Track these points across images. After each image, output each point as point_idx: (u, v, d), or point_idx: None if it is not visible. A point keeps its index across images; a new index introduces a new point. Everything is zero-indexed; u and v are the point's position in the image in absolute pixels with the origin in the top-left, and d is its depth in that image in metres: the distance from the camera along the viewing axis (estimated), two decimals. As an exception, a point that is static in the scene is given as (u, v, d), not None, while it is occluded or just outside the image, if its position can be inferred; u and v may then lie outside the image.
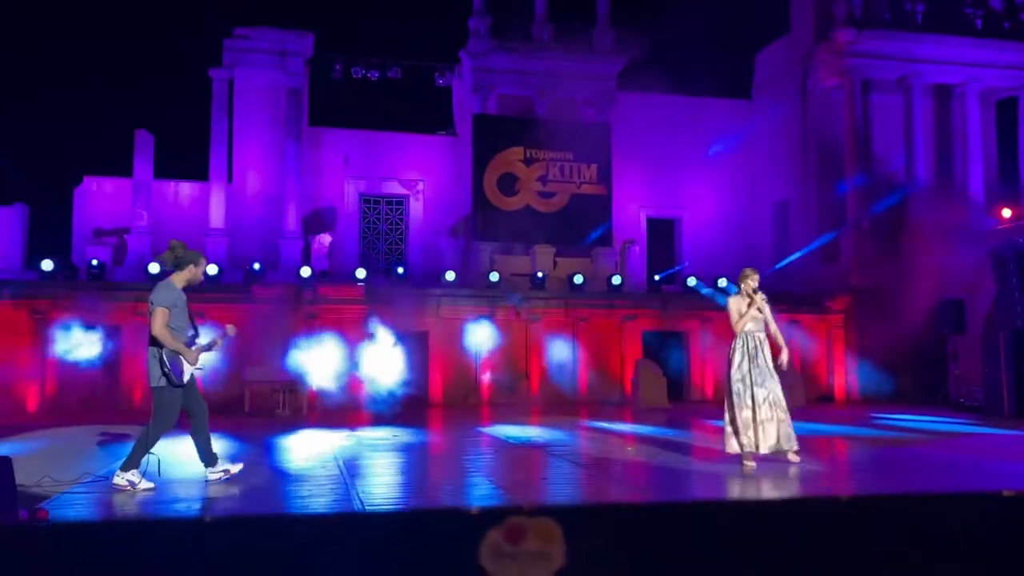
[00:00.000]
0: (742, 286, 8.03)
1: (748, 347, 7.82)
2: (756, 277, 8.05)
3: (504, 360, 19.11)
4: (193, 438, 6.87)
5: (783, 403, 7.78)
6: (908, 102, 22.28)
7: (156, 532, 0.98)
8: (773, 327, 8.00)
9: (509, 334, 19.10)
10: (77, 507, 5.94)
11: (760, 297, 7.95)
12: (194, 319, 6.87)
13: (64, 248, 21.00)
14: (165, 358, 6.45)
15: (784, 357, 7.94)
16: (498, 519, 0.92)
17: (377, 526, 1.01)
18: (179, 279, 6.75)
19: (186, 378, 6.58)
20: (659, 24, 20.13)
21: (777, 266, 20.19)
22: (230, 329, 7.07)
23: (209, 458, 6.88)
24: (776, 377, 7.85)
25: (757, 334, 7.87)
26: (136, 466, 6.51)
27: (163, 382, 6.49)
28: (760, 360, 7.80)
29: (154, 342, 6.50)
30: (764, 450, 7.69)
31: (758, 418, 7.68)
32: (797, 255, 20.93)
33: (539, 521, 0.90)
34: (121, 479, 6.46)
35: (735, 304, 8.00)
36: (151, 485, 6.57)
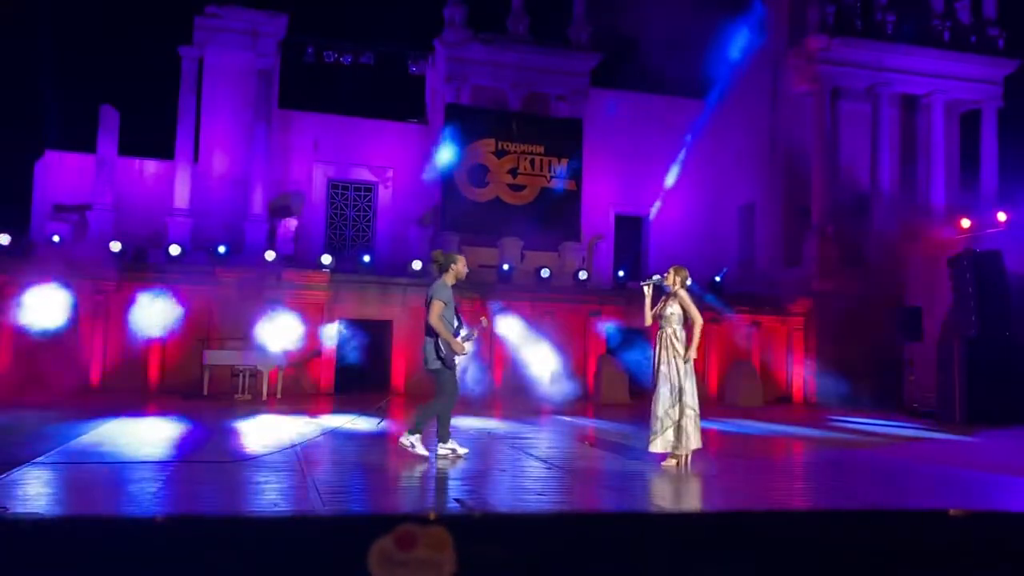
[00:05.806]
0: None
1: None
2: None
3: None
4: (419, 410, 7.84)
5: (667, 409, 7.60)
6: (875, 110, 22.57)
7: (95, 532, 0.96)
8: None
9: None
10: (24, 486, 5.83)
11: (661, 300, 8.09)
12: (460, 314, 7.90)
13: (23, 223, 20.58)
14: (440, 345, 7.49)
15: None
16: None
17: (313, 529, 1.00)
18: (448, 278, 7.79)
19: (458, 361, 7.72)
20: (634, 22, 20.18)
21: (718, 278, 20.70)
22: (484, 322, 8.06)
23: (443, 435, 7.74)
24: (663, 381, 7.71)
25: (662, 336, 7.84)
26: (448, 437, 7.70)
27: (439, 364, 7.55)
28: (655, 362, 7.81)
29: (430, 331, 7.57)
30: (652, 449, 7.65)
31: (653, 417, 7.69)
32: (720, 275, 21.35)
33: (431, 529, 0.90)
34: (443, 450, 7.66)
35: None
36: (467, 450, 7.84)
